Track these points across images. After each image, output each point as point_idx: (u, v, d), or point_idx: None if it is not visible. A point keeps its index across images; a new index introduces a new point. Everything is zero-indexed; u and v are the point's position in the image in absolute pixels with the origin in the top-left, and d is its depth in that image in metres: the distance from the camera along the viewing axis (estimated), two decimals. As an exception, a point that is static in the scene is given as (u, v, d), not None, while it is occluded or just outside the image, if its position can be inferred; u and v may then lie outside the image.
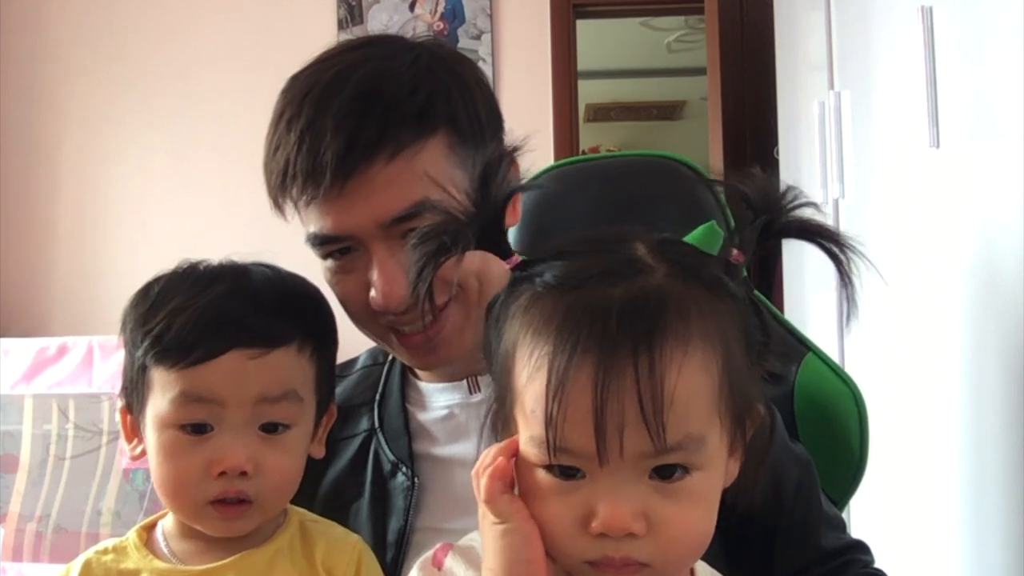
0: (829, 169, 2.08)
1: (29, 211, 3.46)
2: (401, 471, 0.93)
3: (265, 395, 0.79)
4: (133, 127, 3.44)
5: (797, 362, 1.07)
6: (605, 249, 0.63)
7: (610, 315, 0.57)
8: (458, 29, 3.42)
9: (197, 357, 0.77)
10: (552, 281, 0.61)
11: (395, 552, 0.90)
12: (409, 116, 0.85)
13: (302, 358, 0.82)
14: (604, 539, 0.58)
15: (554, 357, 0.58)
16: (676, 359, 0.57)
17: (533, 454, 0.60)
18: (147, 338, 0.79)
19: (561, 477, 0.59)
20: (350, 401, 1.01)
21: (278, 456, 0.80)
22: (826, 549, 0.89)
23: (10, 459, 2.84)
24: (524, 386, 0.60)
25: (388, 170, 0.84)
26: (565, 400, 0.57)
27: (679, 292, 0.59)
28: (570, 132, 3.41)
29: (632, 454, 0.57)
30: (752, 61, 3.09)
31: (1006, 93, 1.22)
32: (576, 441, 0.57)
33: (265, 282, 0.84)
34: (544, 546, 0.60)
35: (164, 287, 0.82)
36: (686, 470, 0.58)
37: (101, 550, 0.83)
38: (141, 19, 3.47)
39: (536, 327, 0.60)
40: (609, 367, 0.56)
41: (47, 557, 2.73)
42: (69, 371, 2.84)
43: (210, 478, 0.77)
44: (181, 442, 0.78)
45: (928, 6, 1.43)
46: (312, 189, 0.85)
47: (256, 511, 0.80)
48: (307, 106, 0.85)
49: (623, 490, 0.57)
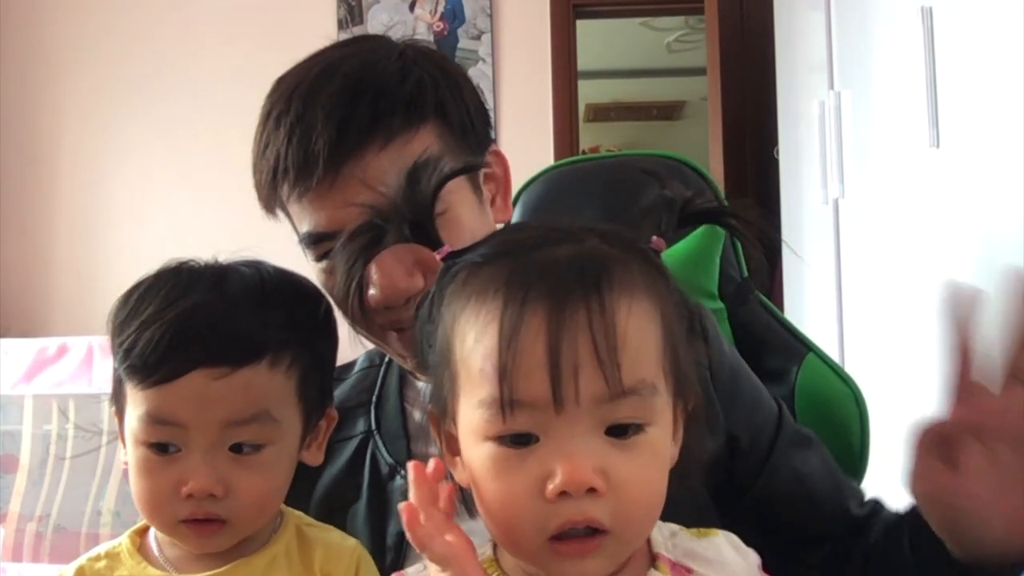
0: (829, 169, 2.08)
1: (29, 211, 3.46)
2: (400, 474, 0.92)
3: (232, 419, 0.75)
4: (133, 127, 3.44)
5: (798, 362, 1.07)
6: (539, 226, 0.65)
7: (558, 267, 0.59)
8: (458, 29, 3.42)
9: (160, 377, 0.74)
10: (490, 251, 0.62)
11: (395, 556, 0.88)
12: (399, 104, 0.84)
13: (275, 373, 0.77)
14: (564, 501, 0.57)
15: (505, 308, 0.58)
16: (625, 303, 0.58)
17: (482, 424, 0.59)
18: (119, 351, 0.76)
19: (513, 446, 0.58)
20: (346, 403, 1.00)
21: (251, 476, 0.76)
22: (857, 517, 0.89)
23: (10, 459, 2.84)
24: (471, 350, 0.59)
25: (380, 159, 0.82)
26: (518, 347, 0.57)
27: (618, 254, 0.61)
28: (570, 132, 3.41)
29: (588, 398, 0.57)
30: (752, 61, 3.09)
31: (1006, 93, 1.22)
32: (531, 389, 0.57)
33: (243, 289, 0.79)
34: (501, 535, 0.60)
35: (142, 294, 0.78)
36: (639, 428, 0.58)
37: (94, 556, 0.80)
38: (141, 19, 3.47)
39: (479, 291, 0.60)
40: (562, 310, 0.57)
41: (47, 557, 2.73)
42: (69, 371, 2.84)
43: (179, 498, 0.75)
44: (151, 460, 0.76)
45: (928, 6, 1.44)
46: (304, 181, 0.83)
47: (231, 530, 0.77)
48: (295, 101, 0.84)
49: (580, 444, 0.57)
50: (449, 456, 0.66)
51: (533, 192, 1.19)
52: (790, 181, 2.60)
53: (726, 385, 0.89)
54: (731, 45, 3.14)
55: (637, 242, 0.64)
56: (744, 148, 3.12)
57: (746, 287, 1.13)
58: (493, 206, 0.94)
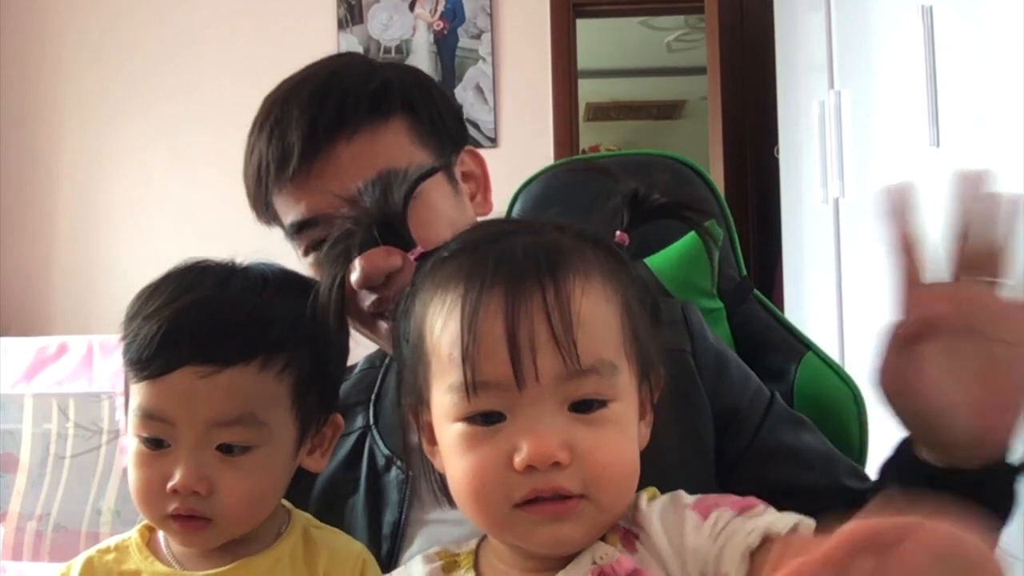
0: (829, 169, 2.08)
1: (29, 211, 3.47)
2: (396, 465, 0.94)
3: (216, 419, 0.75)
4: (133, 127, 3.45)
5: (796, 361, 1.07)
6: (500, 221, 0.70)
7: (515, 254, 0.62)
8: (458, 29, 3.42)
9: (151, 372, 0.75)
10: (455, 246, 0.67)
11: (390, 544, 0.90)
12: (364, 98, 0.90)
13: (266, 376, 0.76)
14: (531, 473, 0.59)
15: (466, 294, 0.62)
16: (579, 285, 0.62)
17: (453, 408, 0.62)
18: (123, 345, 0.78)
19: (483, 424, 0.61)
20: (346, 401, 1.01)
21: (237, 477, 0.76)
22: (853, 490, 0.88)
23: (10, 458, 2.84)
24: (439, 337, 0.63)
25: (350, 149, 0.88)
26: (479, 329, 0.60)
27: (572, 242, 0.65)
28: (570, 132, 3.42)
29: (548, 377, 0.59)
30: (752, 61, 3.09)
31: (1006, 93, 1.23)
32: (493, 370, 0.60)
33: (244, 289, 0.79)
34: (469, 505, 0.62)
35: (151, 291, 0.79)
36: (603, 404, 0.61)
37: (103, 548, 0.81)
38: (141, 20, 3.47)
39: (443, 283, 0.64)
40: (518, 294, 0.60)
41: (47, 556, 2.73)
42: (69, 370, 2.84)
43: (167, 492, 0.75)
44: (144, 454, 0.77)
45: (928, 6, 1.44)
46: (283, 172, 0.89)
47: (216, 529, 0.77)
48: (274, 109, 0.92)
49: (544, 421, 0.60)
50: (429, 446, 0.69)
51: (532, 191, 1.21)
52: (790, 181, 2.60)
53: (711, 369, 0.91)
54: (731, 45, 3.14)
55: (595, 234, 0.67)
56: (744, 148, 3.12)
57: (745, 286, 1.14)
58: (474, 201, 0.99)
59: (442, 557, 0.70)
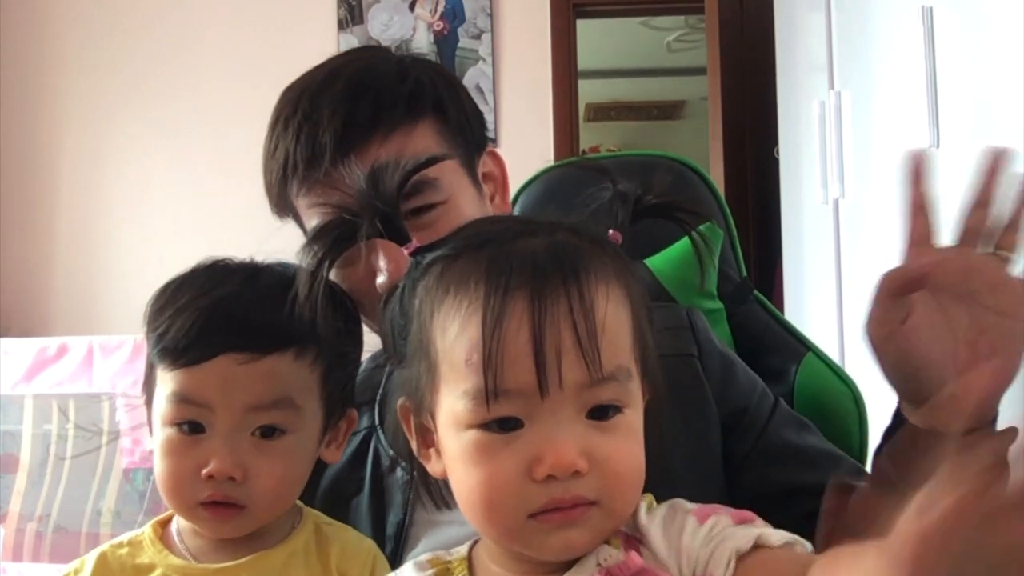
0: (829, 169, 2.08)
1: (29, 211, 3.47)
2: (400, 466, 0.94)
3: (254, 403, 0.78)
4: (133, 127, 3.45)
5: (796, 362, 1.07)
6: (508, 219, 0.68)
7: (536, 256, 0.60)
8: (458, 29, 3.42)
9: (189, 359, 0.77)
10: (464, 243, 0.64)
11: (394, 545, 0.91)
12: (400, 100, 0.89)
13: (301, 365, 0.80)
14: (550, 483, 0.58)
15: (488, 299, 0.59)
16: (602, 291, 0.60)
17: (467, 414, 0.60)
18: (153, 336, 0.80)
19: (499, 432, 0.59)
20: None
21: (272, 462, 0.79)
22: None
23: (10, 459, 2.84)
24: (454, 341, 0.60)
25: (384, 151, 0.87)
26: (503, 335, 0.58)
27: (589, 245, 0.63)
28: (570, 132, 3.42)
29: (571, 384, 0.58)
30: (752, 61, 3.09)
31: (1006, 93, 1.23)
32: (516, 378, 0.58)
33: (274, 284, 0.81)
34: (480, 516, 0.60)
35: (179, 285, 0.82)
36: (618, 409, 0.60)
37: (117, 543, 0.83)
38: (141, 20, 3.47)
39: (458, 283, 0.61)
40: (543, 298, 0.58)
41: (47, 557, 2.73)
42: (69, 371, 2.84)
43: (200, 479, 0.77)
44: (177, 441, 0.78)
45: (928, 6, 1.44)
46: (313, 173, 0.87)
47: (248, 516, 0.79)
48: (302, 103, 0.89)
49: (564, 430, 0.58)
50: (423, 449, 0.67)
51: (532, 192, 1.21)
52: (790, 181, 2.60)
53: (718, 374, 0.92)
54: (731, 45, 3.14)
55: (602, 235, 0.66)
56: (744, 148, 3.12)
57: (745, 287, 1.14)
58: (492, 203, 0.98)
59: (434, 564, 0.68)
